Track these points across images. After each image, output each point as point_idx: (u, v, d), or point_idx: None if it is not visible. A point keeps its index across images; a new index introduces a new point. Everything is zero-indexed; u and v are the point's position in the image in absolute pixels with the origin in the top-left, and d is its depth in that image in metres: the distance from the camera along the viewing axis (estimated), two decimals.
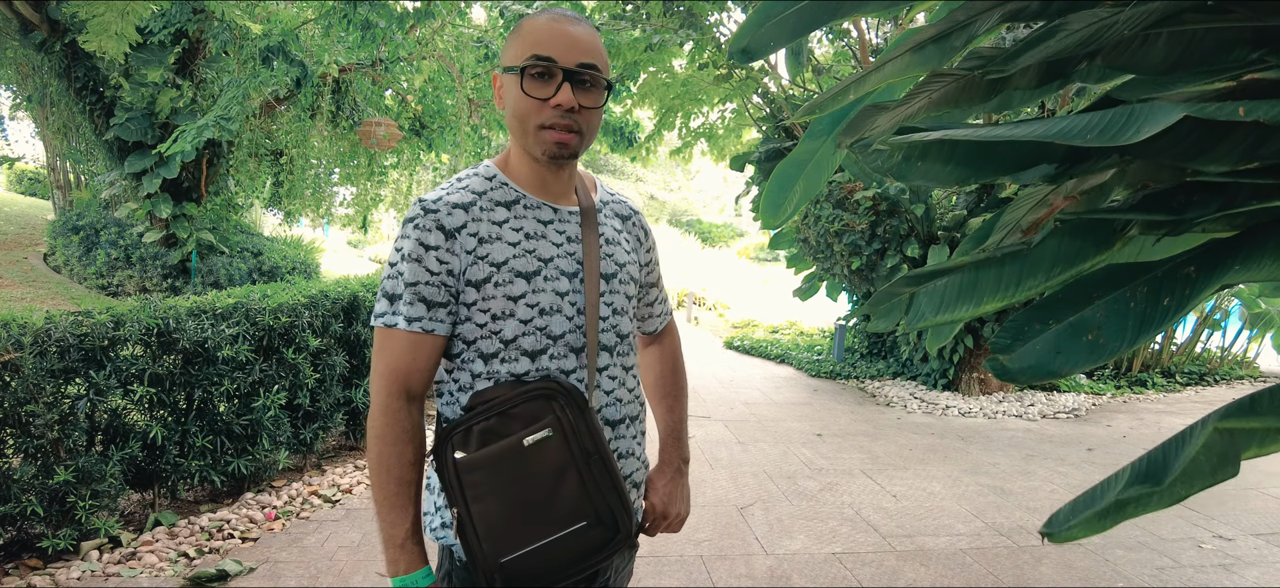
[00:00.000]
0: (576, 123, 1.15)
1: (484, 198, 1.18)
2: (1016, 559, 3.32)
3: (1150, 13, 0.84)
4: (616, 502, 1.13)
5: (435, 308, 1.14)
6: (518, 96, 1.14)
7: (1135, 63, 0.93)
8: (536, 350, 1.16)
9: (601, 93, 1.17)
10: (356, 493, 4.00)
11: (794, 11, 1.03)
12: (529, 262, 1.16)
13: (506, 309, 1.15)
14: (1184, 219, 0.89)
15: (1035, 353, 0.95)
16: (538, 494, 1.09)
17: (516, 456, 1.09)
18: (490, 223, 1.16)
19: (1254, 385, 8.35)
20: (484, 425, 1.11)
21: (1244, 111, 0.76)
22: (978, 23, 0.95)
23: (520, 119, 1.16)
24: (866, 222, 7.22)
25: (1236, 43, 0.91)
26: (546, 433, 1.09)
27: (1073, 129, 0.85)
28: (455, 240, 1.14)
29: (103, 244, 9.88)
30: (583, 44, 1.14)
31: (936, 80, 1.04)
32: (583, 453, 1.11)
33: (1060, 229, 1.01)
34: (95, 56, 8.32)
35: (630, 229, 1.35)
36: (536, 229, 1.19)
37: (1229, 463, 0.93)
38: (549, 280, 1.17)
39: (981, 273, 1.10)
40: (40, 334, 3.00)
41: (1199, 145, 0.85)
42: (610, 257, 1.26)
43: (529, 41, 1.14)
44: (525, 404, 1.11)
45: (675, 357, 1.50)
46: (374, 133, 9.42)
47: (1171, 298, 0.88)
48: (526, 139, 1.17)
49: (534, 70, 1.12)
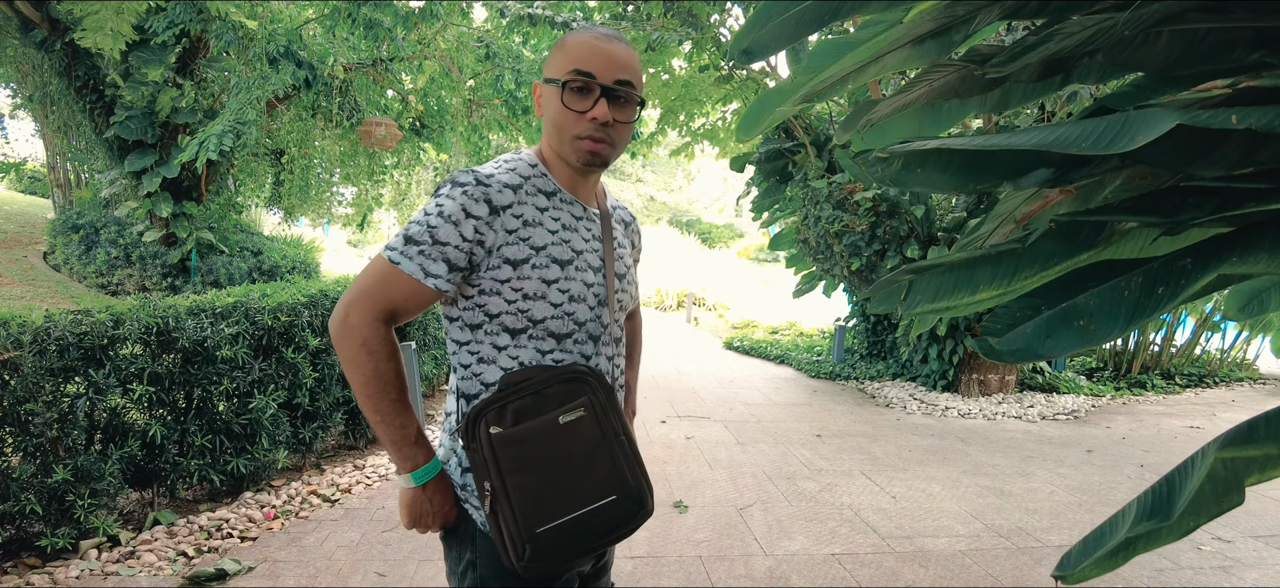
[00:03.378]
0: (610, 135, 1.24)
1: (528, 183, 1.26)
2: (1015, 560, 3.32)
3: (1151, 14, 0.84)
4: (641, 478, 1.22)
5: (454, 271, 1.20)
6: (558, 108, 1.23)
7: (1137, 61, 0.93)
8: (562, 334, 1.25)
9: (635, 108, 1.26)
10: (355, 493, 3.99)
11: (795, 13, 1.03)
12: (565, 250, 1.25)
13: (540, 291, 1.22)
14: (1179, 221, 0.89)
15: (1024, 335, 0.96)
16: (572, 469, 1.16)
17: (553, 432, 1.16)
18: (534, 208, 1.24)
19: (1253, 387, 8.35)
20: (518, 404, 1.18)
21: (1237, 119, 0.76)
22: (978, 18, 0.95)
23: (558, 128, 1.25)
24: (866, 223, 7.22)
25: (1237, 42, 0.92)
26: (581, 413, 1.18)
27: (1068, 138, 0.86)
28: (499, 217, 1.20)
29: (102, 243, 9.87)
30: (620, 62, 1.23)
31: (937, 70, 1.04)
32: (613, 432, 1.20)
33: (1054, 229, 1.02)
34: (96, 55, 8.32)
35: (629, 235, 1.49)
36: (571, 222, 1.29)
37: (1234, 491, 0.94)
38: (580, 271, 1.26)
39: (978, 266, 1.11)
40: (40, 333, 3.00)
41: (1195, 150, 0.86)
42: (620, 259, 1.39)
43: (571, 57, 1.22)
44: (559, 385, 1.20)
45: (640, 330, 1.68)
46: (374, 133, 9.42)
47: (1166, 287, 0.89)
48: (563, 146, 1.26)
49: (574, 84, 1.21)
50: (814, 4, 1.01)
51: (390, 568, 3.08)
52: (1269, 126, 0.74)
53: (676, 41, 7.45)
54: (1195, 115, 0.79)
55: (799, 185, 7.95)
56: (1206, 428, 6.35)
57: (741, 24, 5.34)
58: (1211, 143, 0.85)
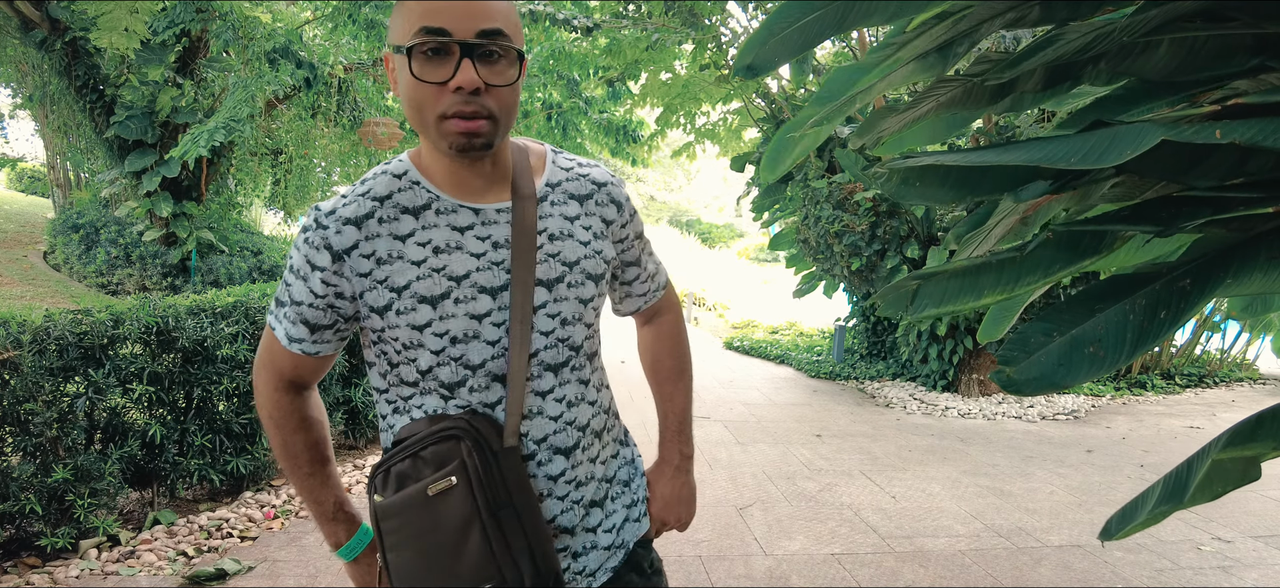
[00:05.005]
0: (484, 106, 0.94)
1: (387, 204, 1.01)
2: (1015, 561, 3.32)
3: (1149, 20, 0.85)
4: (531, 561, 0.99)
5: (320, 330, 1.03)
6: (409, 82, 0.94)
7: (1137, 68, 0.94)
8: (454, 383, 1.01)
9: (513, 66, 0.96)
10: (355, 492, 4.00)
11: (798, 28, 1.03)
12: (436, 283, 0.99)
13: (413, 339, 1.00)
14: (1172, 230, 0.91)
15: (1040, 365, 0.97)
16: (444, 549, 0.98)
17: (422, 505, 0.98)
18: (391, 237, 1.00)
19: (1253, 387, 8.36)
20: (400, 468, 1.01)
21: (1221, 134, 0.78)
22: (980, 30, 0.96)
23: (416, 109, 0.95)
24: (866, 223, 7.23)
25: (1237, 49, 0.92)
26: (450, 480, 0.97)
27: (1058, 153, 0.87)
28: (345, 262, 0.99)
29: (103, 243, 9.89)
30: (481, 9, 0.92)
31: (943, 85, 1.05)
32: (490, 504, 0.98)
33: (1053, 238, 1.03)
34: (96, 55, 8.32)
35: (593, 209, 1.12)
36: (449, 239, 1.01)
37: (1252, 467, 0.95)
38: (461, 303, 1.00)
39: (982, 272, 1.12)
40: (39, 332, 3.00)
41: (1187, 161, 0.87)
42: (556, 256, 1.06)
43: (416, 13, 0.92)
44: (434, 446, 0.99)
45: (673, 337, 1.29)
46: (374, 132, 9.43)
47: (1168, 311, 0.90)
48: (428, 132, 0.97)
49: (425, 47, 0.92)
50: (818, 18, 1.01)
51: None
52: (1253, 141, 0.76)
53: (677, 42, 7.45)
54: (1181, 130, 0.80)
55: (799, 185, 7.96)
56: (1206, 428, 6.35)
57: (742, 26, 5.32)
58: (1202, 154, 0.86)
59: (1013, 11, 0.92)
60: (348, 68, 9.22)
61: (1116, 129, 0.84)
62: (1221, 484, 0.94)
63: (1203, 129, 0.79)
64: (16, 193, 19.86)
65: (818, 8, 1.00)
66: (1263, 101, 0.86)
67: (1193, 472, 0.93)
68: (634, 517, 1.21)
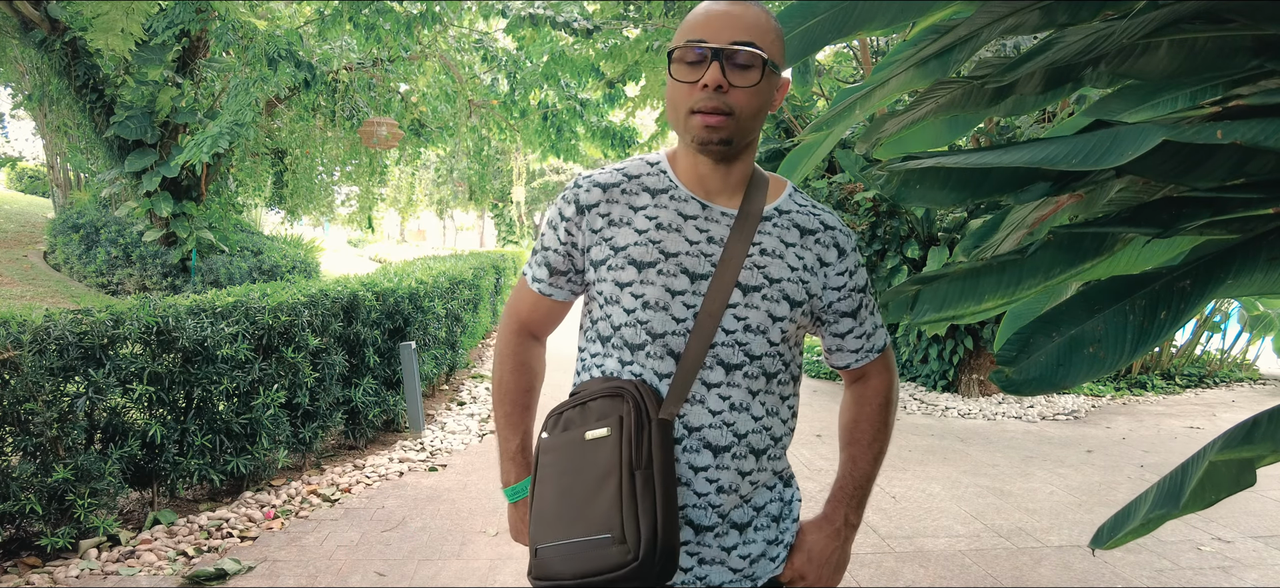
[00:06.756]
0: (726, 103, 1.04)
1: (634, 181, 1.16)
2: (1015, 561, 3.32)
3: (1148, 22, 0.85)
4: (652, 526, 1.01)
5: (557, 275, 1.20)
6: (670, 83, 1.09)
7: (1138, 70, 0.94)
8: (636, 344, 1.11)
9: (758, 71, 1.04)
10: (355, 492, 4.00)
11: (800, 33, 1.04)
12: (648, 252, 1.11)
13: (614, 294, 1.13)
14: (1172, 231, 0.90)
15: (1039, 365, 0.96)
16: (582, 492, 1.06)
17: (576, 448, 1.09)
18: (627, 207, 1.14)
19: (1253, 387, 8.36)
20: (568, 413, 1.13)
21: (1222, 134, 0.77)
22: (981, 35, 0.96)
23: (673, 106, 1.10)
24: (867, 223, 7.23)
25: (1236, 50, 0.92)
26: (605, 431, 1.06)
27: (1058, 154, 0.87)
28: (584, 217, 1.15)
29: (103, 243, 9.88)
30: (737, 21, 1.04)
31: (942, 88, 1.05)
32: (632, 463, 1.03)
33: (1054, 240, 1.03)
34: (96, 55, 8.32)
35: (812, 245, 1.16)
36: (673, 221, 1.13)
37: (1246, 473, 0.94)
38: (663, 275, 1.10)
39: (983, 276, 1.12)
40: (39, 332, 3.00)
41: (1187, 162, 0.87)
42: (761, 268, 1.12)
43: (685, 28, 1.07)
44: (601, 400, 1.10)
45: (879, 405, 1.25)
46: (376, 133, 9.43)
47: (1168, 311, 0.90)
48: (679, 127, 1.10)
49: (685, 55, 1.05)
50: (819, 22, 1.02)
51: (390, 568, 3.08)
52: (1254, 142, 0.75)
53: None
54: (1181, 131, 0.80)
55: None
56: (1206, 428, 6.35)
57: None
58: (1202, 155, 0.86)
59: (1013, 17, 0.92)
60: (349, 68, 9.22)
61: (1117, 130, 0.84)
62: (1215, 492, 0.94)
63: (1203, 130, 0.79)
64: (16, 193, 19.85)
65: (819, 11, 1.01)
66: (1263, 102, 0.86)
67: (1188, 477, 0.93)
68: (772, 555, 1.19)
